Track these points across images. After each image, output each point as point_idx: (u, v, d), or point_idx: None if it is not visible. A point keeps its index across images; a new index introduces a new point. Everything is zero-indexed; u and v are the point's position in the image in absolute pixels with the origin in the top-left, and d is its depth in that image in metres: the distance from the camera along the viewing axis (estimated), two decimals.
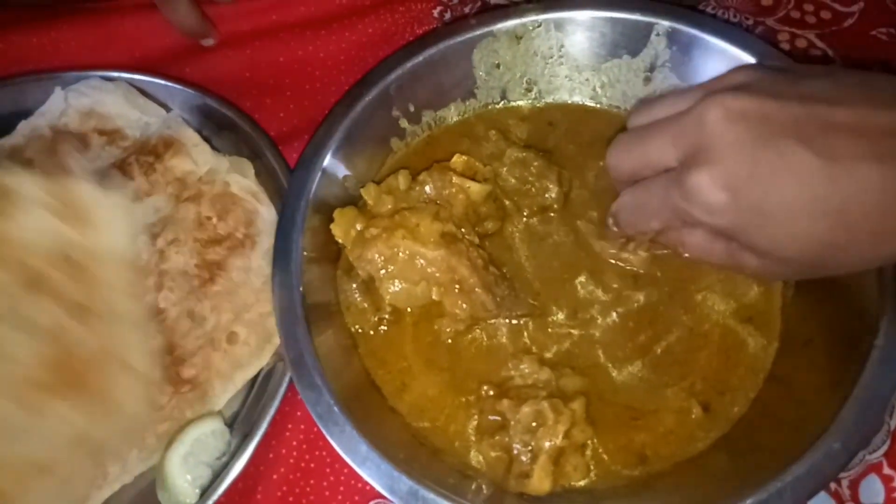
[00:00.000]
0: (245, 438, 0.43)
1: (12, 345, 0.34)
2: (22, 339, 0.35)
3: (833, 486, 0.40)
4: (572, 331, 0.44)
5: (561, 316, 0.45)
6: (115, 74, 0.56)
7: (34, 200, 0.36)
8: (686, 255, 0.42)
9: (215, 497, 0.41)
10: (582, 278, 0.46)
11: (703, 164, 0.34)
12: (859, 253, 0.34)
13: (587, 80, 0.53)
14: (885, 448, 0.40)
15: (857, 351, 0.38)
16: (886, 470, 0.40)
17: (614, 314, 0.44)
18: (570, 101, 0.54)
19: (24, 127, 0.54)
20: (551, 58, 0.52)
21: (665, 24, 0.49)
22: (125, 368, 0.38)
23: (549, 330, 0.44)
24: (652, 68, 0.51)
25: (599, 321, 0.44)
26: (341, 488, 0.44)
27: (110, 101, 0.55)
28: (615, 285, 0.45)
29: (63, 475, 0.34)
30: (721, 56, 0.48)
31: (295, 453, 0.45)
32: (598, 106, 0.53)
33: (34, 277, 0.35)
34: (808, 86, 0.34)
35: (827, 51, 0.54)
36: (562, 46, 0.52)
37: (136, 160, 0.52)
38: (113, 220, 0.40)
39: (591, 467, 0.40)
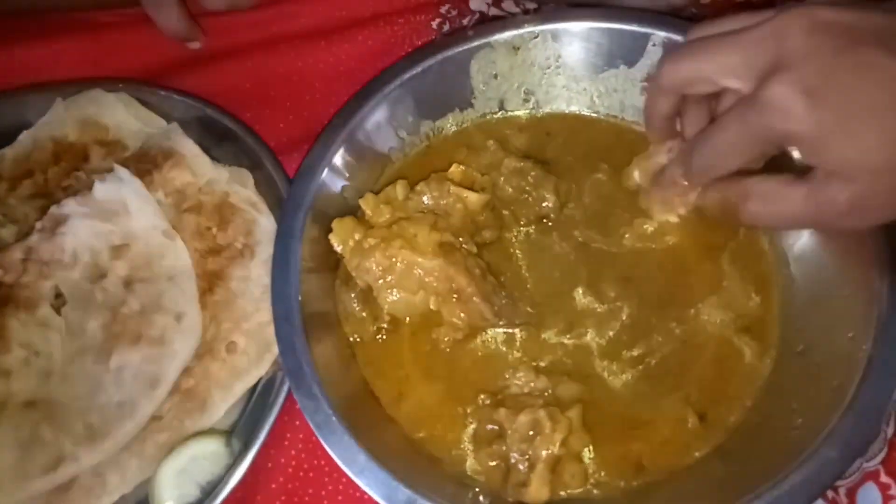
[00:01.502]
0: (244, 447, 0.43)
1: (81, 324, 0.45)
2: (89, 318, 0.45)
3: (830, 494, 0.41)
4: (568, 341, 0.44)
5: (558, 327, 0.45)
6: (116, 85, 0.57)
7: (75, 215, 0.47)
8: (749, 214, 0.37)
9: None
10: (580, 290, 0.46)
11: (781, 73, 0.32)
12: None
13: (585, 89, 0.53)
14: (881, 456, 0.40)
15: (853, 360, 0.39)
16: (883, 478, 0.40)
17: (609, 326, 0.45)
18: (567, 111, 0.54)
19: (25, 137, 0.55)
20: (549, 68, 0.53)
21: (661, 34, 0.49)
22: (174, 316, 0.45)
23: (546, 340, 0.45)
24: (649, 78, 0.51)
25: (595, 333, 0.45)
26: (339, 497, 0.44)
27: (111, 112, 0.56)
28: (612, 293, 0.45)
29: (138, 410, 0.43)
30: None
31: (293, 462, 0.45)
32: (596, 115, 0.54)
33: (94, 270, 0.46)
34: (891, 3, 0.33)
35: None
36: (559, 57, 0.52)
37: (135, 169, 0.52)
38: (137, 202, 0.48)
39: (589, 475, 0.40)
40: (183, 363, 0.44)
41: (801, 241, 0.45)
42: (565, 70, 0.53)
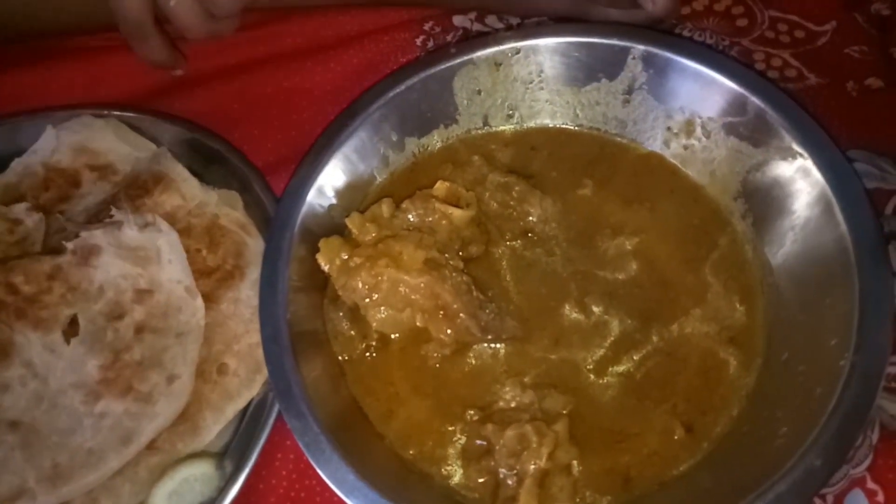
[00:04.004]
0: (235, 469, 0.43)
1: (83, 360, 0.45)
2: (92, 356, 0.45)
3: (818, 501, 0.41)
4: (554, 356, 0.45)
5: (544, 341, 0.45)
6: (106, 111, 0.57)
7: (109, 252, 0.48)
8: None
9: None
10: (566, 305, 0.46)
11: None
12: None
13: (567, 102, 0.54)
14: (868, 462, 0.41)
15: (836, 367, 0.39)
16: (870, 484, 0.40)
17: (595, 341, 0.45)
18: (551, 125, 0.55)
19: (17, 165, 0.56)
20: (531, 83, 0.53)
21: (640, 48, 0.50)
22: (167, 377, 0.45)
23: (533, 354, 0.45)
24: (630, 90, 0.52)
25: (581, 347, 0.45)
26: None
27: (101, 137, 0.56)
28: (597, 308, 0.46)
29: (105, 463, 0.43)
30: (696, 77, 0.49)
31: (285, 483, 0.45)
32: (579, 128, 0.54)
33: (115, 308, 0.47)
34: None
35: (801, 69, 0.55)
36: (541, 72, 0.53)
37: (125, 194, 0.52)
38: (170, 254, 0.48)
39: (577, 489, 0.40)
40: (160, 427, 0.44)
41: (784, 249, 0.45)
42: (548, 84, 0.53)
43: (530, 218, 0.49)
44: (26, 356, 0.45)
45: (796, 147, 0.45)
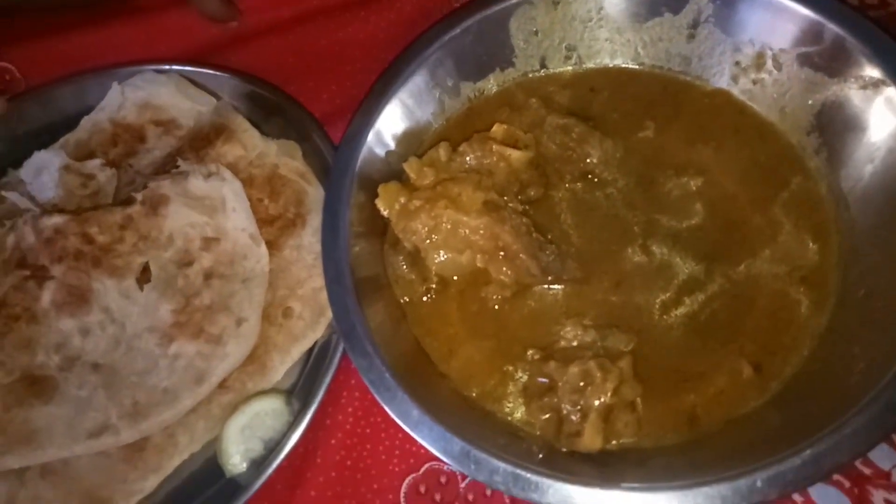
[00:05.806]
0: (303, 407, 0.45)
1: (157, 304, 0.47)
2: (164, 301, 0.47)
3: None
4: (615, 298, 0.44)
5: (606, 282, 0.45)
6: (167, 67, 0.59)
7: (177, 201, 0.49)
8: None
9: (277, 461, 0.43)
10: (628, 247, 0.45)
11: None
12: None
13: (628, 41, 0.52)
14: None
15: None
16: None
17: (658, 284, 0.44)
18: (611, 65, 0.53)
19: (86, 122, 0.58)
20: (590, 21, 0.52)
21: None
22: (236, 320, 0.47)
23: (594, 295, 0.44)
24: (695, 24, 0.49)
25: (644, 288, 0.44)
26: (396, 451, 0.45)
27: (164, 92, 0.58)
28: (660, 250, 0.45)
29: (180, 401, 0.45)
30: (767, 6, 0.46)
31: (351, 419, 0.46)
32: (641, 67, 0.52)
33: (184, 256, 0.49)
34: None
35: None
36: (601, 9, 0.51)
37: (189, 146, 0.54)
38: (234, 202, 0.50)
39: (642, 425, 0.40)
40: (231, 367, 0.46)
41: (863, 182, 0.43)
42: (608, 22, 0.51)
43: (590, 160, 0.48)
44: (104, 302, 0.47)
45: (878, 74, 0.42)
